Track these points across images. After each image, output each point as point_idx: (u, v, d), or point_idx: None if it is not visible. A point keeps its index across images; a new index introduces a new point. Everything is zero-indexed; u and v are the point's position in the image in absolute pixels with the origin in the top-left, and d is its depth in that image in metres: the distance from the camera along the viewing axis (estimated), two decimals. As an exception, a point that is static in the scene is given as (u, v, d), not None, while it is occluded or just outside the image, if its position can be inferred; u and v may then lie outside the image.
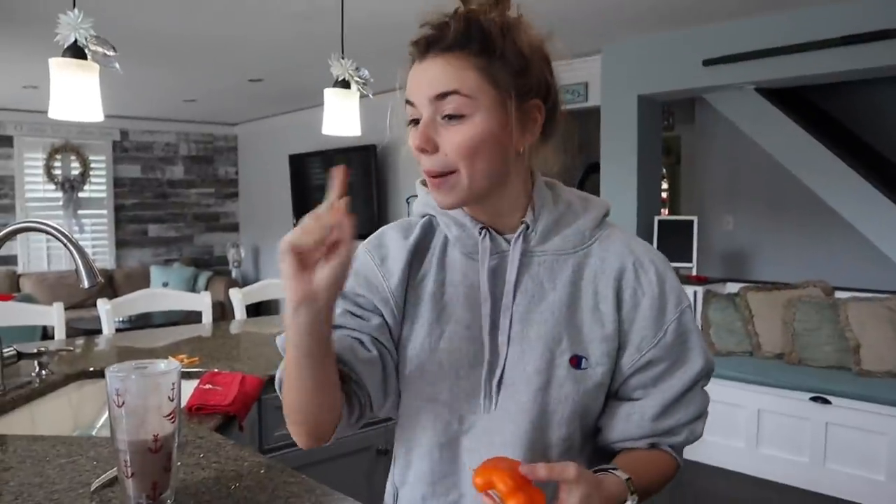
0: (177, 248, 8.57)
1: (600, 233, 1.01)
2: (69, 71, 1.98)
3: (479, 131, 0.89)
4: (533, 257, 0.98)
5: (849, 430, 3.53)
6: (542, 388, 0.95)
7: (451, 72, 0.88)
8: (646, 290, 0.97)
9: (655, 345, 0.97)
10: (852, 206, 4.61)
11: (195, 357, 2.09)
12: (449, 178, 0.91)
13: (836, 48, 3.77)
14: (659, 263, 1.00)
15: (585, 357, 0.96)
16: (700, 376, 0.99)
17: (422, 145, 0.90)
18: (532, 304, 0.96)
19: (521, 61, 0.91)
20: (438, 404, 0.99)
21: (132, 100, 6.86)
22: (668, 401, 0.98)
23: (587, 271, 0.98)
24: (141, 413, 1.02)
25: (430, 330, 0.99)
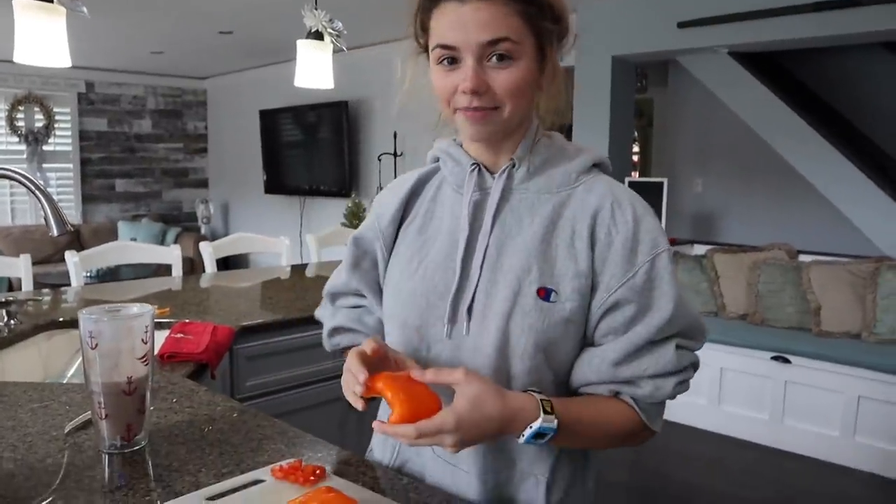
0: (145, 203, 8.44)
1: (587, 178, 1.01)
2: (34, 14, 1.92)
3: (524, 74, 0.94)
4: (515, 193, 1.01)
5: (807, 389, 3.64)
6: (506, 315, 0.96)
7: (500, 17, 0.91)
8: (619, 229, 0.96)
9: (622, 284, 0.95)
10: (819, 171, 4.69)
11: (165, 308, 2.08)
12: (492, 113, 0.95)
13: (808, 14, 3.80)
14: (638, 206, 0.98)
15: (555, 290, 0.96)
16: (669, 326, 0.95)
17: (477, 88, 0.93)
18: (508, 236, 0.99)
19: (558, 6, 0.96)
20: (409, 329, 1.03)
21: (98, 50, 6.68)
22: (631, 348, 0.95)
23: (567, 211, 0.99)
24: (115, 355, 1.03)
25: (410, 259, 1.06)
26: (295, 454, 1.03)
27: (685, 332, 0.98)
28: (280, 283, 2.80)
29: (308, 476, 0.94)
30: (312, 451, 1.05)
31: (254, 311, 2.12)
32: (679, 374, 0.97)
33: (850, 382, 3.50)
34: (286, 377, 2.04)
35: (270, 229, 7.44)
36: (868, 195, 4.46)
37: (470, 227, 1.01)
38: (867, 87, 5.54)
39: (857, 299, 3.75)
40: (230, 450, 1.05)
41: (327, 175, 7.00)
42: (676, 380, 0.97)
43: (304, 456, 1.03)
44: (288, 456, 1.03)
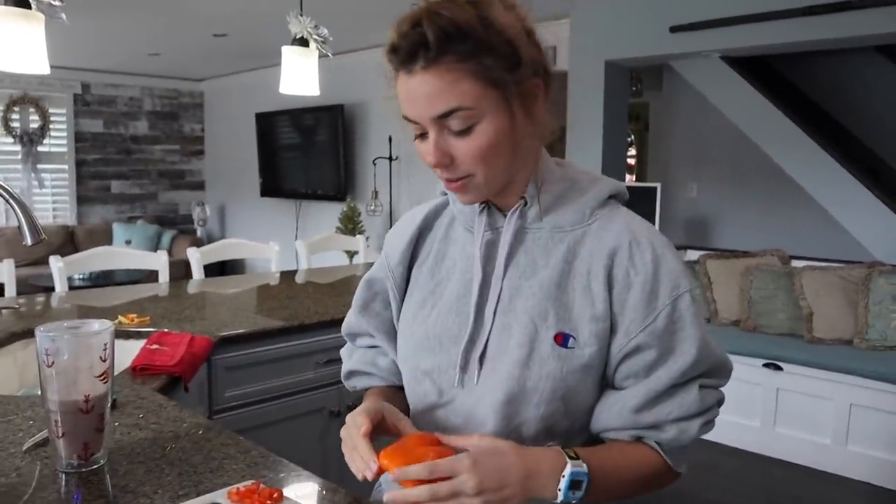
0: (140, 205, 8.43)
1: (602, 212, 0.96)
2: (12, 20, 1.91)
3: (489, 136, 0.87)
4: (529, 233, 0.96)
5: (798, 396, 3.63)
6: (523, 363, 0.91)
7: (446, 87, 0.84)
8: (639, 270, 0.91)
9: (643, 329, 0.90)
10: (811, 176, 4.67)
11: (146, 316, 2.07)
12: (468, 181, 0.91)
13: (799, 18, 3.78)
14: (657, 244, 0.93)
15: (573, 336, 0.91)
16: (693, 369, 0.90)
17: (439, 163, 0.89)
18: (523, 278, 0.95)
19: (510, 48, 0.86)
20: (420, 373, 1.01)
21: (94, 51, 6.67)
22: (654, 393, 0.91)
23: (583, 250, 0.94)
24: (72, 373, 1.01)
25: (423, 302, 1.03)
26: (255, 475, 1.02)
27: (709, 373, 0.94)
28: (266, 291, 2.79)
29: (265, 499, 0.92)
30: (274, 473, 1.03)
31: (235, 320, 2.11)
32: (704, 414, 0.93)
33: (842, 390, 3.48)
34: (266, 388, 2.02)
35: (266, 233, 7.44)
36: (859, 199, 4.44)
37: (483, 271, 0.97)
38: (859, 91, 5.53)
39: (849, 305, 3.73)
40: (190, 470, 1.03)
41: (323, 179, 6.98)
42: (702, 420, 0.93)
43: (264, 477, 1.01)
44: (248, 477, 1.01)
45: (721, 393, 0.96)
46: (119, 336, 1.90)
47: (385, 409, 0.96)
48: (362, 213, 6.33)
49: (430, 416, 1.00)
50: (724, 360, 0.96)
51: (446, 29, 0.83)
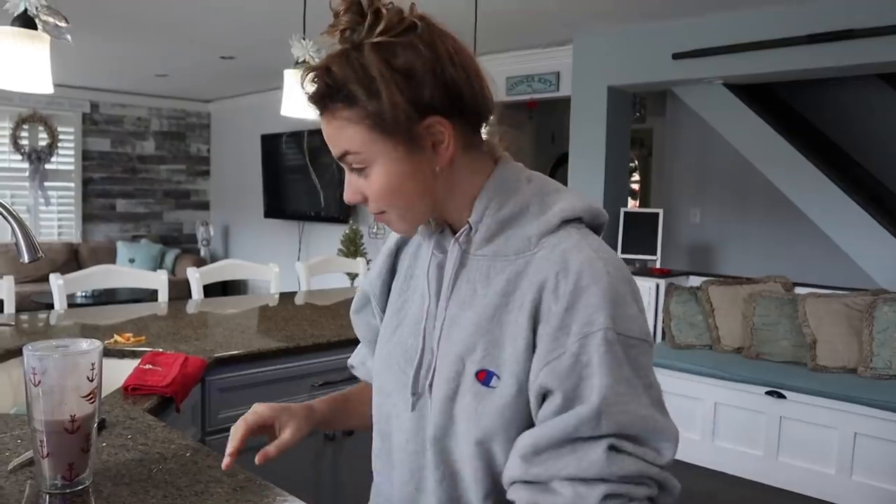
0: (145, 224, 8.46)
1: (551, 239, 0.88)
2: (18, 41, 1.93)
3: (384, 178, 0.88)
4: (472, 260, 0.92)
5: (802, 425, 3.59)
6: (450, 398, 0.89)
7: (335, 132, 0.88)
8: (559, 302, 0.82)
9: (545, 366, 0.81)
10: (815, 202, 4.67)
11: (142, 336, 2.06)
12: (385, 216, 0.93)
13: (801, 46, 3.81)
14: (587, 274, 0.82)
15: (497, 375, 0.86)
16: (590, 423, 0.77)
17: (352, 200, 0.93)
18: (462, 308, 0.92)
19: (392, 96, 0.84)
20: (383, 394, 1.01)
21: (103, 72, 6.74)
22: (549, 439, 0.79)
23: (523, 282, 0.87)
24: (59, 393, 1.00)
25: (390, 321, 1.04)
26: (241, 500, 1.00)
27: (627, 434, 0.79)
28: (264, 312, 2.78)
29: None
30: (258, 497, 1.02)
31: (230, 340, 2.10)
32: (610, 482, 0.77)
33: (846, 419, 3.44)
34: (260, 409, 2.00)
35: (269, 253, 7.44)
36: (863, 226, 4.43)
37: (433, 296, 0.95)
38: (863, 118, 5.54)
39: (853, 333, 3.70)
40: (174, 492, 1.02)
41: (326, 201, 7.01)
42: (605, 489, 0.77)
43: (249, 502, 1.00)
44: (233, 501, 1.00)
45: (652, 468, 0.79)
46: (114, 355, 1.90)
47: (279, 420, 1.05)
48: (364, 235, 6.33)
49: (389, 436, 1.00)
50: (656, 423, 0.80)
51: (325, 85, 0.86)
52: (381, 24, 0.85)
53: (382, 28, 0.85)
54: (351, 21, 0.85)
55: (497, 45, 5.03)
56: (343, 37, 0.86)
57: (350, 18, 0.85)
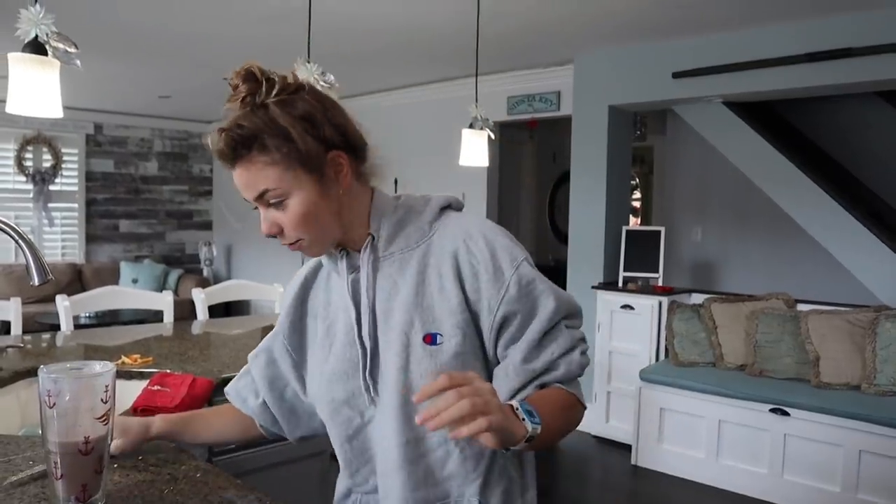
0: (148, 244, 8.49)
1: (439, 223, 1.13)
2: (28, 66, 1.96)
3: (300, 207, 1.05)
4: (383, 261, 1.13)
5: (806, 442, 3.58)
6: (403, 368, 1.07)
7: (253, 176, 1.04)
8: (479, 258, 1.07)
9: (501, 300, 1.06)
10: (815, 219, 4.68)
11: (149, 357, 2.08)
12: (299, 244, 1.09)
13: (800, 64, 3.84)
14: (488, 232, 1.10)
15: (440, 333, 1.07)
16: (556, 314, 1.08)
17: (270, 232, 1.08)
18: (389, 300, 1.11)
19: (296, 138, 1.03)
20: (337, 403, 1.15)
21: (107, 93, 6.79)
22: (533, 343, 1.07)
23: (431, 259, 1.10)
24: (73, 414, 1.02)
25: (322, 344, 1.20)
26: (252, 518, 1.02)
27: (568, 314, 1.11)
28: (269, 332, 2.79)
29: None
30: (270, 516, 1.03)
31: (237, 361, 2.11)
32: (577, 347, 1.11)
33: (851, 436, 3.44)
34: (267, 429, 2.01)
35: (272, 273, 7.46)
36: (863, 243, 4.44)
37: (355, 306, 1.13)
38: (862, 135, 5.57)
39: (856, 350, 3.71)
40: (186, 513, 1.03)
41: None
42: (578, 351, 1.10)
43: (260, 520, 1.01)
44: (244, 520, 1.01)
45: (582, 332, 1.14)
46: (122, 376, 1.91)
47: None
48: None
49: (359, 438, 1.15)
50: (575, 302, 1.14)
51: (239, 138, 1.03)
52: (276, 87, 1.05)
53: (278, 89, 1.05)
54: (250, 88, 1.04)
55: (498, 64, 5.08)
56: (244, 102, 1.04)
57: (249, 87, 1.04)
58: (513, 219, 7.20)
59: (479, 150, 3.41)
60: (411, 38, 4.43)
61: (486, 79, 5.05)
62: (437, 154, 5.55)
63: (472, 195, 5.71)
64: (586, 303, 4.75)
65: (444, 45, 4.52)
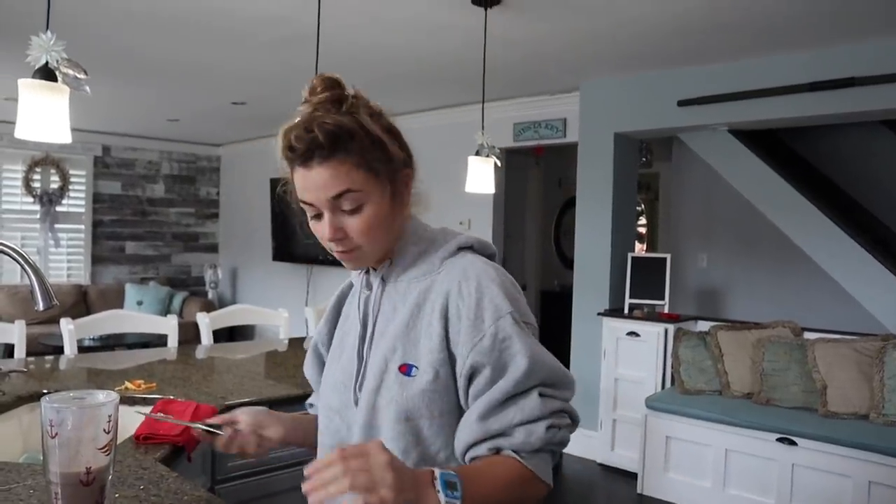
0: (153, 266, 8.50)
1: (450, 261, 1.13)
2: (38, 92, 1.98)
3: (374, 214, 1.07)
4: (391, 285, 1.16)
5: (814, 472, 3.54)
6: (375, 390, 1.09)
7: (339, 175, 1.04)
8: (465, 302, 1.06)
9: (472, 349, 1.03)
10: (821, 247, 4.67)
11: (152, 382, 2.07)
12: (356, 252, 1.11)
13: (804, 93, 3.85)
14: (484, 279, 1.08)
15: (416, 366, 1.07)
16: (527, 378, 1.02)
17: (335, 237, 1.08)
18: (387, 323, 1.14)
19: (383, 146, 1.07)
20: (331, 411, 1.18)
21: (115, 116, 6.85)
22: (495, 401, 1.02)
23: (431, 294, 1.11)
24: (75, 445, 1.01)
25: (333, 352, 1.25)
26: (253, 552, 1.00)
27: (547, 382, 1.04)
28: (274, 358, 2.79)
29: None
30: (272, 549, 1.02)
31: (241, 388, 2.10)
32: (548, 418, 1.02)
33: (860, 467, 3.39)
34: (270, 458, 1.99)
35: (277, 296, 7.46)
36: (869, 271, 4.43)
37: (362, 322, 1.17)
38: (867, 162, 5.57)
39: (863, 379, 3.67)
40: (188, 546, 1.02)
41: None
42: (546, 423, 1.02)
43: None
44: (246, 554, 1.00)
45: (566, 404, 1.06)
46: (125, 402, 1.90)
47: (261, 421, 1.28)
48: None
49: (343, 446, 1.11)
50: (562, 372, 1.07)
51: (334, 131, 1.03)
52: (360, 101, 1.08)
53: (363, 103, 1.09)
54: (336, 94, 1.06)
55: (505, 91, 5.11)
56: (329, 105, 1.05)
57: (335, 93, 1.06)
58: (518, 245, 7.19)
59: (485, 177, 3.43)
60: (419, 66, 4.46)
61: (493, 105, 5.08)
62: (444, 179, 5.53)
63: (477, 221, 5.72)
64: (592, 329, 4.73)
65: (450, 71, 4.55)
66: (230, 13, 3.57)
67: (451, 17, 3.50)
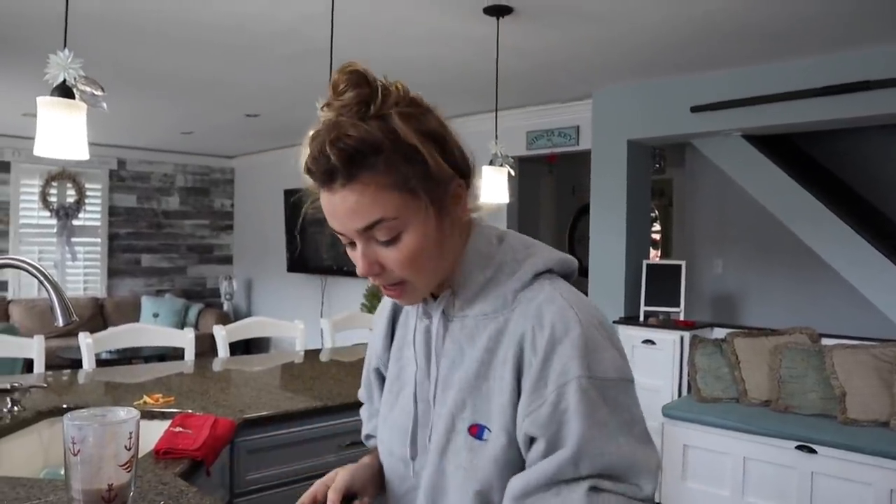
0: (169, 279, 8.56)
1: (525, 294, 0.92)
2: (56, 110, 2.00)
3: (415, 243, 0.88)
4: (455, 321, 0.96)
5: (834, 480, 3.50)
6: (441, 452, 0.93)
7: (367, 201, 0.85)
8: (537, 354, 0.86)
9: (528, 415, 0.85)
10: (837, 252, 4.63)
11: (171, 396, 2.08)
12: (401, 287, 0.92)
13: (817, 98, 3.83)
14: (560, 326, 0.86)
15: (488, 428, 0.89)
16: (569, 466, 0.82)
17: (370, 272, 0.90)
18: (452, 369, 0.95)
19: (421, 156, 0.86)
20: (395, 458, 1.02)
21: (130, 130, 6.92)
22: (534, 483, 0.84)
23: (505, 338, 0.91)
24: (97, 462, 1.02)
25: (391, 387, 1.06)
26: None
27: (606, 474, 0.83)
28: (290, 370, 2.79)
29: None
30: (292, 565, 1.02)
31: (258, 401, 2.11)
32: None
33: (881, 475, 3.35)
34: (288, 471, 2.00)
35: (292, 307, 7.49)
36: (888, 276, 4.38)
37: (421, 361, 0.99)
38: (885, 167, 5.52)
39: (883, 385, 3.63)
40: (209, 562, 1.03)
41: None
42: None
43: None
44: (267, 570, 1.00)
45: (635, 502, 0.83)
46: (144, 416, 1.91)
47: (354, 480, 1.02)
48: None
49: (407, 499, 1.01)
50: (632, 460, 0.83)
51: (353, 150, 0.83)
52: (392, 97, 0.87)
53: (396, 100, 0.87)
54: (361, 94, 0.85)
55: (517, 100, 5.12)
56: (354, 109, 0.85)
57: (360, 92, 0.85)
58: (531, 252, 7.18)
59: (499, 187, 3.43)
60: (431, 76, 4.48)
61: (506, 114, 5.09)
62: (456, 188, 5.57)
63: (490, 229, 5.71)
64: (607, 337, 4.70)
65: (463, 81, 4.57)
66: (243, 29, 3.60)
67: (464, 27, 3.51)
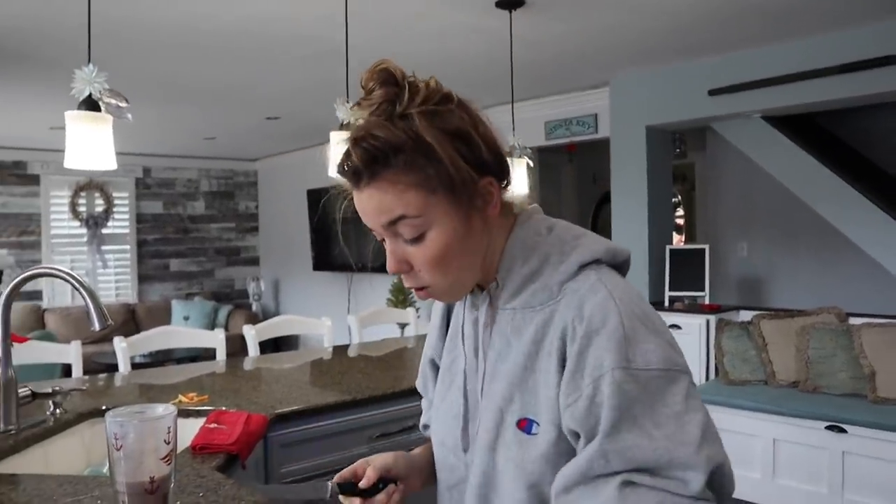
0: (198, 282, 8.71)
1: (571, 285, 0.90)
2: (83, 123, 2.07)
3: (441, 241, 0.88)
4: (501, 314, 0.95)
5: (866, 460, 3.48)
6: (490, 448, 0.92)
7: (391, 198, 0.86)
8: (575, 346, 0.85)
9: (566, 409, 0.84)
10: (863, 230, 4.59)
11: (205, 395, 2.14)
12: (429, 289, 0.93)
13: (836, 76, 3.80)
14: (597, 318, 0.85)
15: (537, 422, 0.89)
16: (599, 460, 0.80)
17: (398, 270, 0.92)
18: (499, 361, 0.95)
19: (445, 156, 0.87)
20: (446, 448, 1.03)
21: (154, 138, 7.04)
22: (570, 480, 0.82)
23: (551, 330, 0.89)
24: (138, 456, 1.07)
25: (443, 378, 1.07)
26: (310, 552, 1.05)
27: (644, 468, 0.79)
28: (319, 366, 2.85)
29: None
30: (327, 549, 1.07)
31: (289, 397, 2.17)
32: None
33: (913, 452, 3.34)
34: (320, 463, 2.06)
35: (319, 305, 7.57)
36: (918, 255, 4.34)
37: (469, 353, 1.00)
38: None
39: (913, 363, 3.61)
40: (248, 548, 1.08)
41: (373, 251, 7.12)
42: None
43: (318, 554, 1.05)
44: (303, 553, 1.05)
45: (679, 498, 0.78)
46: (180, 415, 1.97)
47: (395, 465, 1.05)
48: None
49: (458, 490, 1.01)
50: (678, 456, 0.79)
51: (376, 151, 0.85)
52: (420, 94, 0.88)
53: (423, 97, 0.88)
54: (388, 94, 0.87)
55: (534, 90, 5.13)
56: (381, 109, 0.87)
57: (386, 91, 0.87)
58: (554, 242, 7.19)
59: (518, 179, 3.45)
60: (446, 71, 4.49)
61: (523, 105, 5.10)
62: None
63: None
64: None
65: (478, 75, 4.60)
66: (260, 33, 3.66)
67: (477, 21, 3.54)
